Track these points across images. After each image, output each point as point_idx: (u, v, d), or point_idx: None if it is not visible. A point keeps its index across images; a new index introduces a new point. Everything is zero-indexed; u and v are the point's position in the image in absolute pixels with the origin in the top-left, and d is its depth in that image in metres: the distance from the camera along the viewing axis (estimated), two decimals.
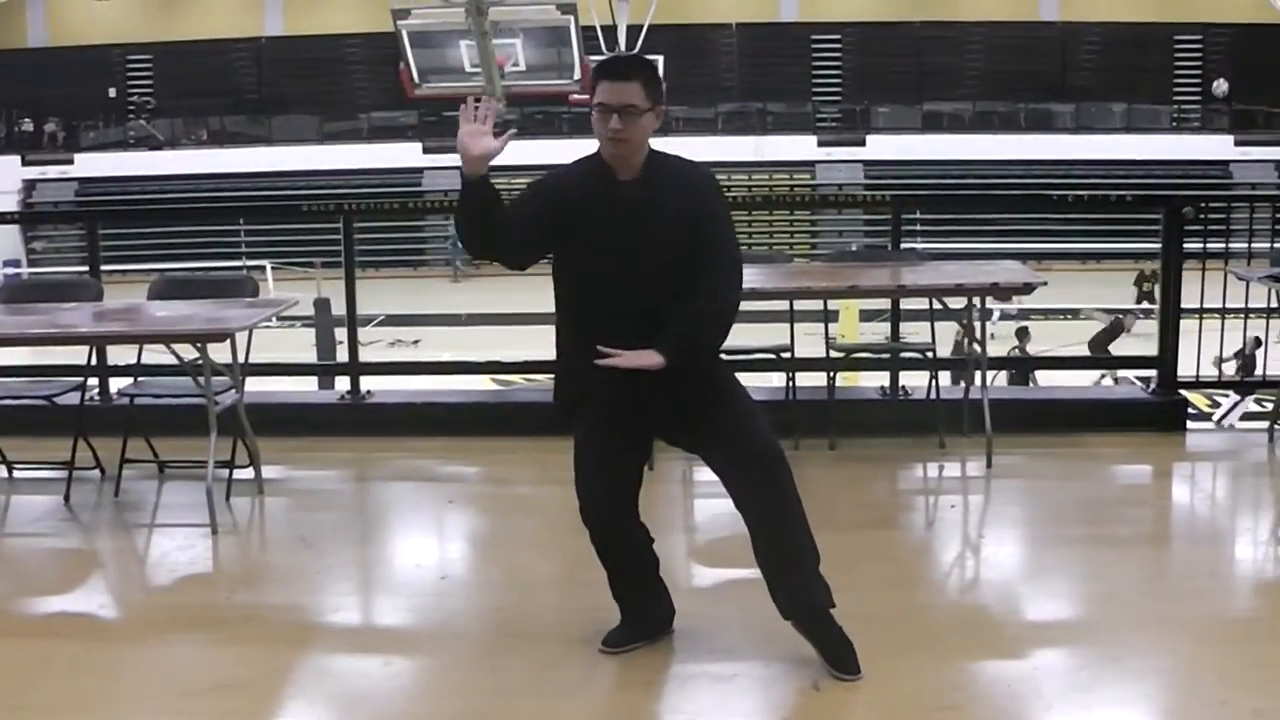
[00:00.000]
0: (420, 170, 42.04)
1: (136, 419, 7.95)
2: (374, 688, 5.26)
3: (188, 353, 7.33)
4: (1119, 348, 25.42)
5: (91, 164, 42.44)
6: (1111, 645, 5.50)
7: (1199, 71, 44.01)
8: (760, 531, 5.16)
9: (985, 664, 5.25)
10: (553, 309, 5.40)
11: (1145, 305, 31.33)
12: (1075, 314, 31.15)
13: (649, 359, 4.98)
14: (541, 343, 5.92)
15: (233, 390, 7.57)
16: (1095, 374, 20.99)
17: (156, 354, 7.98)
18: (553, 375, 5.50)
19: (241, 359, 7.57)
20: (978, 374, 8.41)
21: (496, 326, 30.69)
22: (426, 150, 42.20)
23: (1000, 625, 5.84)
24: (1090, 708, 4.98)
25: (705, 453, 5.30)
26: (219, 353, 7.27)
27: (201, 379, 7.23)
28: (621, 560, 5.43)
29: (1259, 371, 9.07)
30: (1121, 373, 12.98)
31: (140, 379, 8.26)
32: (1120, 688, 5.14)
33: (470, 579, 6.64)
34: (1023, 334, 23.76)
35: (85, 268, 9.71)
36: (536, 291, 5.89)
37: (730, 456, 5.17)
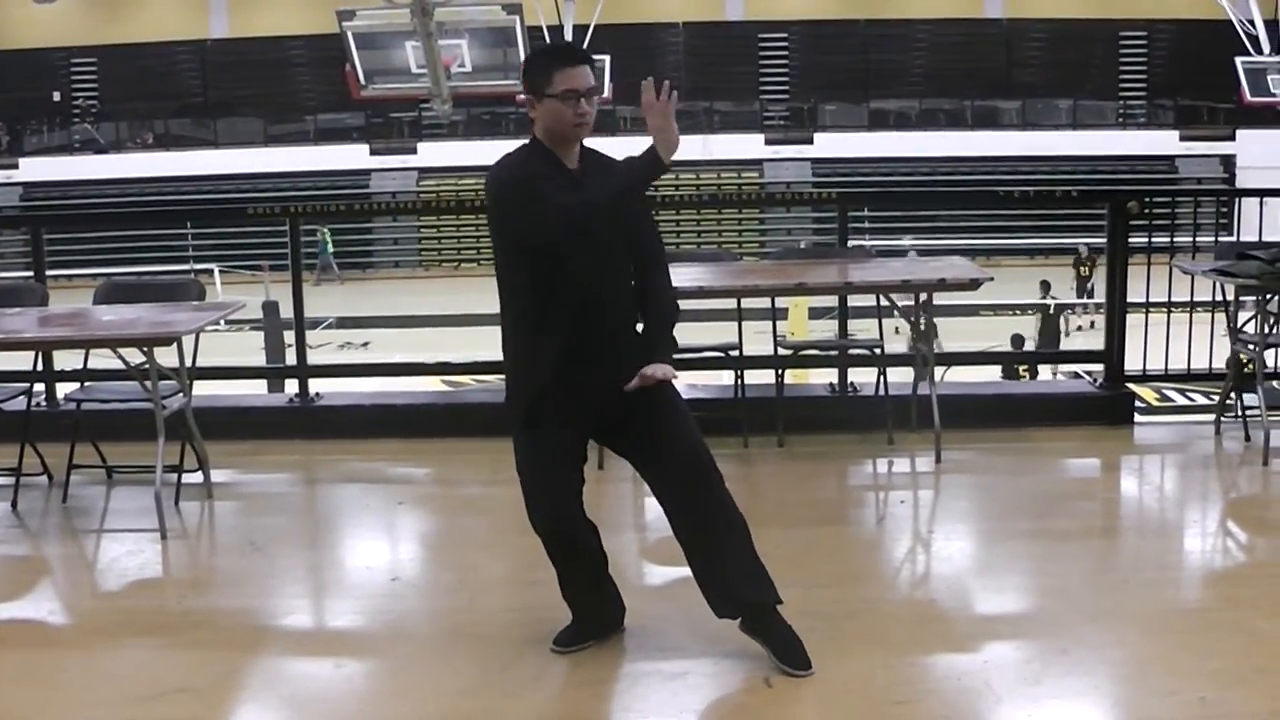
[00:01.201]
0: (367, 172, 41.97)
1: (84, 424, 7.90)
2: (326, 690, 5.26)
3: (135, 357, 7.29)
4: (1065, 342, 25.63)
5: (36, 168, 42.18)
6: (1060, 638, 5.54)
7: (1144, 68, 44.27)
8: (692, 536, 5.22)
9: (935, 658, 5.27)
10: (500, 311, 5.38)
11: (1081, 299, 31.54)
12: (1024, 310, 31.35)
13: (667, 371, 5.17)
14: (492, 343, 5.91)
15: (180, 394, 7.54)
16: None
17: (103, 359, 7.95)
18: (503, 375, 5.43)
19: (189, 363, 7.54)
20: (924, 369, 8.45)
21: (447, 328, 30.66)
22: (373, 152, 42.15)
23: (950, 619, 5.87)
24: (1040, 700, 5.01)
25: (637, 454, 5.38)
26: (166, 357, 7.25)
27: (149, 383, 7.20)
28: (571, 561, 5.43)
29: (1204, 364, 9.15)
30: (1068, 367, 13.03)
31: (87, 384, 8.22)
32: (1069, 680, 5.17)
33: (421, 580, 6.62)
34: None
35: (30, 273, 9.66)
36: (487, 293, 5.87)
37: (663, 460, 5.24)
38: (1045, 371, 21.28)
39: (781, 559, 5.39)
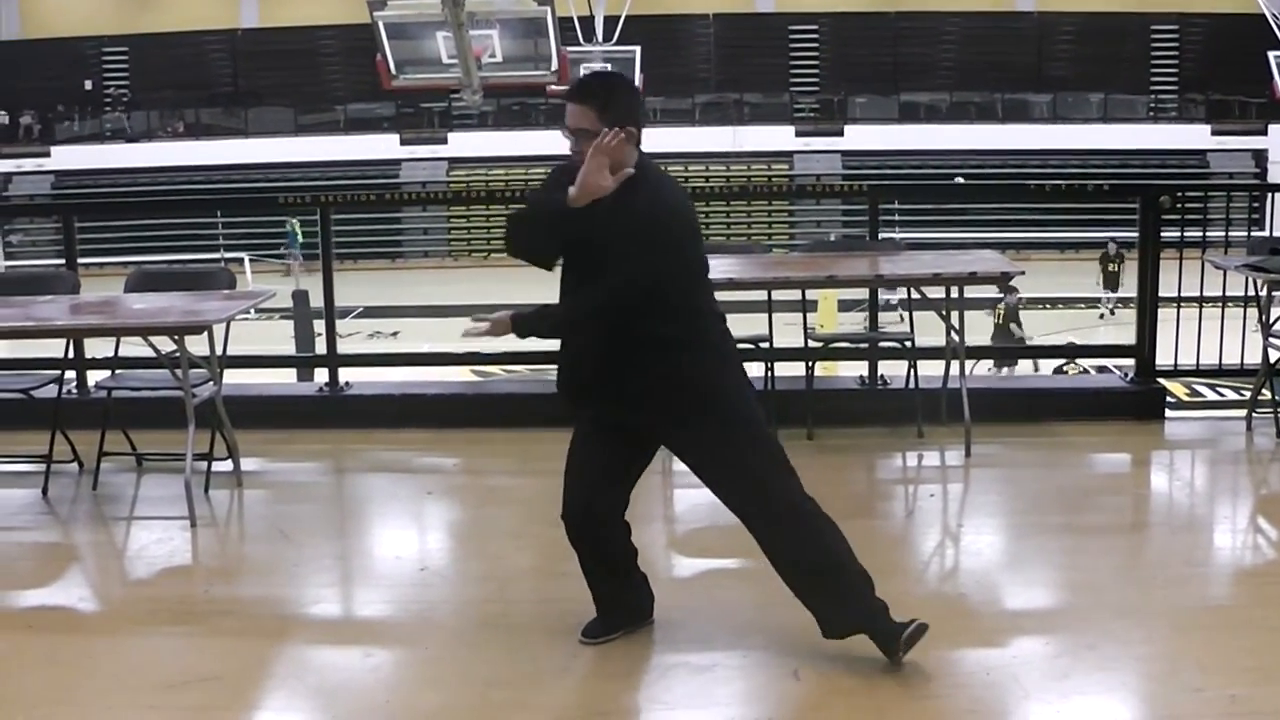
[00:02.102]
0: (398, 162, 42.03)
1: (114, 412, 7.93)
2: (354, 680, 5.26)
3: (165, 345, 7.31)
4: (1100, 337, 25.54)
5: (67, 156, 42.34)
6: (1089, 633, 5.52)
7: (1175, 61, 44.10)
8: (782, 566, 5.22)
9: (964, 652, 5.25)
10: (530, 301, 5.39)
11: (1108, 292, 31.44)
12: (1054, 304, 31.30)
13: (492, 325, 5.27)
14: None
15: (210, 383, 7.56)
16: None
17: (134, 347, 7.97)
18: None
19: (219, 351, 7.55)
20: (955, 363, 8.43)
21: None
22: (404, 142, 42.20)
23: (979, 614, 5.86)
24: (1068, 695, 5.00)
25: (707, 481, 5.27)
26: (197, 345, 7.26)
27: (179, 371, 7.21)
28: (596, 556, 5.44)
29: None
30: (1099, 361, 13.02)
31: (118, 372, 8.25)
32: (1098, 675, 5.16)
33: (449, 570, 6.63)
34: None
35: (62, 261, 9.69)
36: (516, 283, 5.87)
37: (729, 501, 5.21)
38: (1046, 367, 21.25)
39: None
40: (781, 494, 5.16)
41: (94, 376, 9.10)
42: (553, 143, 40.12)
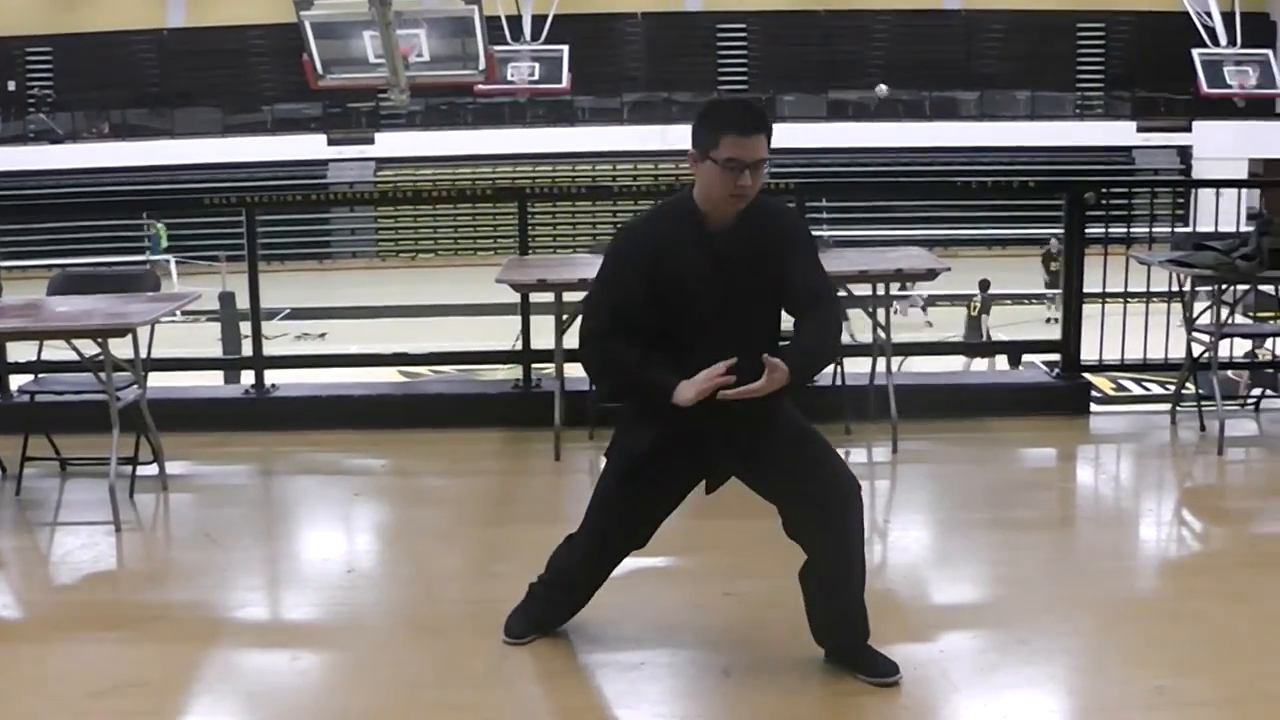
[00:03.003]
0: (325, 162, 41.81)
1: (37, 416, 7.86)
2: (282, 683, 5.23)
3: (90, 349, 7.25)
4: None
5: None
6: (1017, 627, 5.57)
7: (1102, 59, 44.42)
8: (826, 565, 5.08)
9: (892, 648, 5.26)
10: (458, 301, 5.34)
11: (1052, 290, 31.58)
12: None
13: (779, 378, 4.69)
14: (449, 334, 5.88)
15: (135, 386, 7.50)
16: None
17: (57, 350, 7.89)
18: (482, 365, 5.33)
19: (144, 354, 7.49)
20: (881, 360, 8.46)
21: (404, 318, 30.60)
22: (331, 142, 41.99)
23: (907, 609, 5.88)
24: (997, 690, 5.04)
25: (775, 484, 5.13)
26: (121, 348, 7.20)
27: (103, 375, 7.15)
28: (599, 580, 5.43)
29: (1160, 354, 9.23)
30: (1027, 357, 13.09)
31: (41, 375, 8.16)
32: (1026, 669, 5.20)
33: (377, 572, 6.60)
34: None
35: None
36: (445, 283, 5.85)
37: (807, 489, 5.04)
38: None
39: (740, 550, 5.39)
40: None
41: (16, 380, 9.02)
42: (481, 142, 40.27)
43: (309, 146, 41.79)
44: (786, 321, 5.05)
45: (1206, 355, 8.59)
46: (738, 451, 5.07)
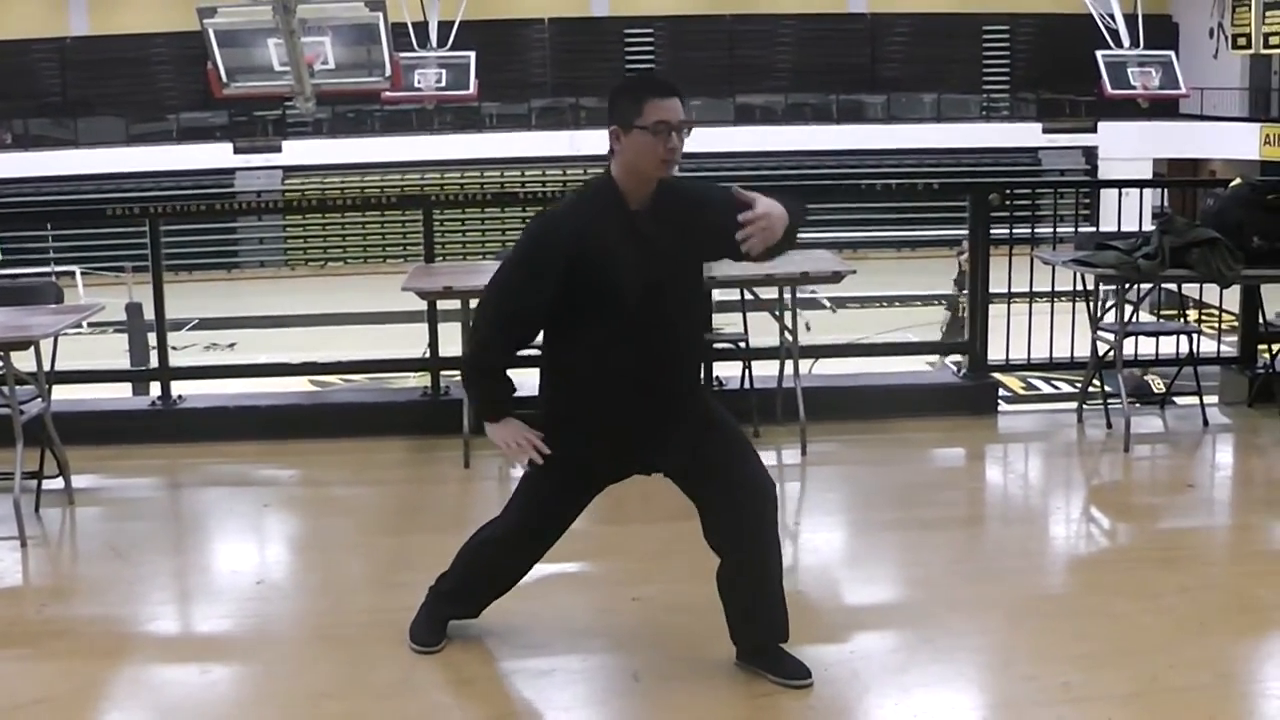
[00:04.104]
0: (231, 171, 41.50)
1: None
2: (190, 697, 5.20)
3: None
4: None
5: None
6: (926, 627, 5.61)
7: (1007, 61, 44.78)
8: (745, 564, 5.08)
9: (802, 649, 5.28)
10: (367, 309, 5.31)
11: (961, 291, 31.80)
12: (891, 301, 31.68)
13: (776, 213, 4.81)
14: (358, 343, 5.86)
15: (39, 399, 7.42)
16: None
17: None
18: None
19: (48, 367, 7.41)
20: (789, 362, 8.49)
21: (314, 327, 30.46)
22: (237, 150, 41.67)
23: (817, 611, 5.91)
24: (907, 689, 5.07)
25: (696, 481, 5.12)
26: (23, 361, 7.12)
27: (4, 389, 7.07)
28: (512, 580, 5.44)
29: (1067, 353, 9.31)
30: (934, 357, 13.20)
31: None
32: (934, 668, 5.24)
33: (286, 583, 6.57)
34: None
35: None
36: (354, 292, 5.82)
37: (732, 490, 5.04)
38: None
39: (646, 554, 5.40)
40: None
41: None
42: (388, 149, 40.13)
43: (215, 155, 41.42)
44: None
45: (1111, 354, 8.68)
46: (677, 450, 5.08)
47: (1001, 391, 9.48)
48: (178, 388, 9.28)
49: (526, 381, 5.18)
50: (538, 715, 5.02)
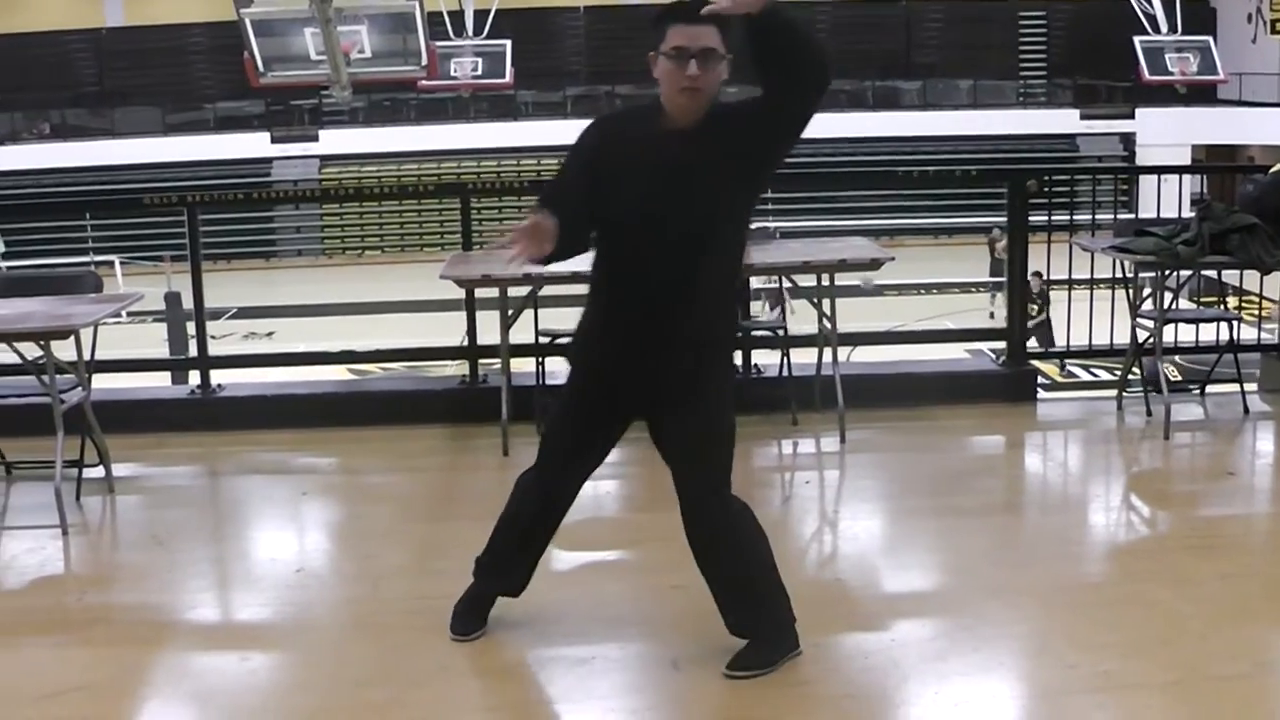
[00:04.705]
0: (269, 160, 41.58)
1: None
2: (229, 684, 5.21)
3: (32, 351, 7.20)
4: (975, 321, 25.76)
5: None
6: (965, 614, 5.60)
7: (1043, 47, 44.62)
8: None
9: (841, 637, 5.29)
10: (404, 297, 5.32)
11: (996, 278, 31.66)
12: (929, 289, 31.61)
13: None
14: (396, 331, 5.87)
15: (79, 388, 7.45)
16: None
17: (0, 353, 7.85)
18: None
19: (87, 356, 7.45)
20: (828, 350, 8.47)
21: (351, 316, 30.53)
22: (274, 140, 41.77)
23: (856, 599, 5.91)
24: (946, 676, 5.06)
25: (665, 457, 5.13)
26: (64, 350, 7.15)
27: (45, 378, 7.10)
28: (536, 533, 5.40)
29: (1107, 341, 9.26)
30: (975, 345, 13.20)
31: None
32: (974, 655, 5.23)
33: (325, 571, 6.58)
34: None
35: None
36: (391, 281, 5.83)
37: (679, 481, 5.04)
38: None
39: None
40: None
41: None
42: (424, 138, 40.13)
43: (252, 144, 41.52)
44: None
45: (1151, 341, 8.64)
46: (644, 407, 5.09)
47: (1040, 379, 9.44)
48: (217, 376, 9.31)
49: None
50: (576, 703, 5.01)
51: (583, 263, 5.08)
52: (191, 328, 9.95)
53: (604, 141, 4.96)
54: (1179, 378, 9.65)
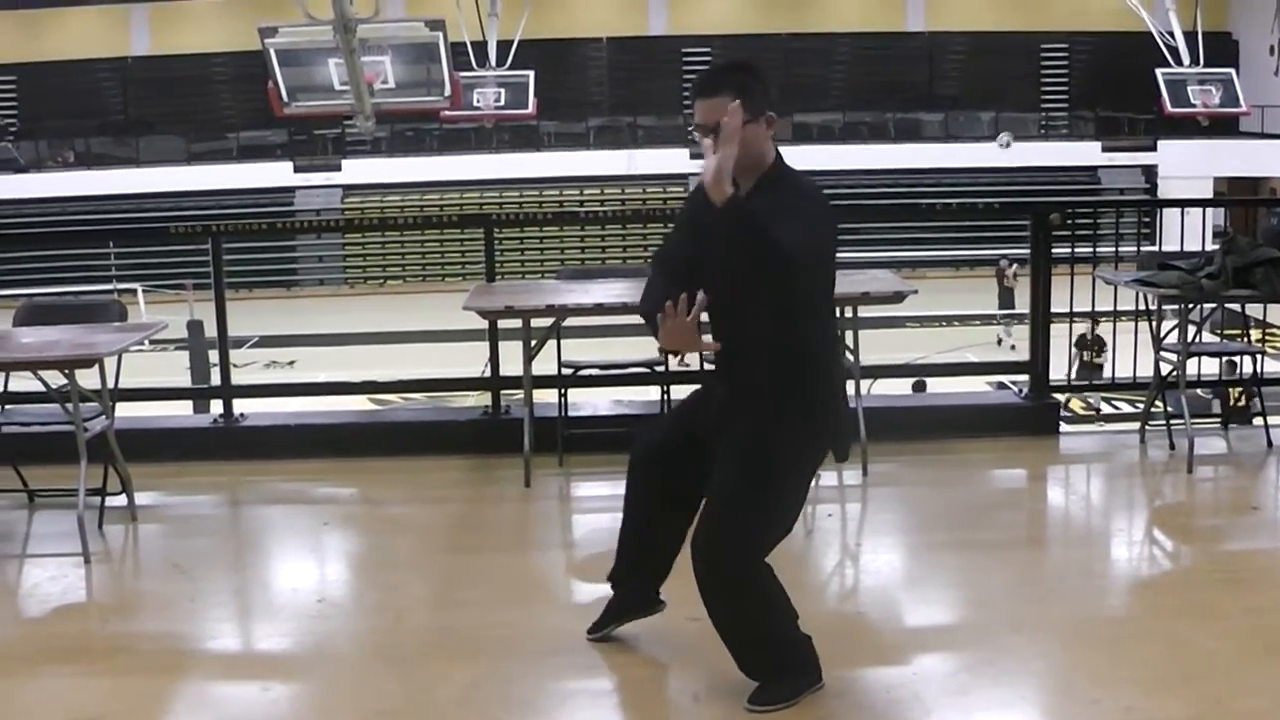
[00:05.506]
0: (291, 190, 41.72)
1: (4, 448, 7.82)
2: (251, 714, 5.22)
3: (56, 379, 7.22)
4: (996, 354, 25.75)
5: None
6: (987, 649, 5.58)
7: (1065, 79, 44.66)
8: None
9: (864, 671, 5.28)
10: (426, 328, 5.36)
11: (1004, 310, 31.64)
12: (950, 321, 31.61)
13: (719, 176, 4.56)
14: (417, 361, 5.88)
15: (103, 416, 7.47)
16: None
17: (24, 381, 7.86)
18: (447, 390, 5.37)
19: (111, 384, 7.47)
20: (850, 383, 8.45)
21: (373, 345, 30.57)
22: (297, 169, 41.91)
23: (878, 632, 5.89)
24: (969, 711, 5.05)
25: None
26: (88, 379, 7.17)
27: (69, 406, 7.12)
28: (640, 507, 5.40)
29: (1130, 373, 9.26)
30: (997, 378, 13.18)
31: (7, 407, 8.13)
32: (996, 690, 5.21)
33: (346, 601, 6.57)
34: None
35: None
36: (412, 311, 5.84)
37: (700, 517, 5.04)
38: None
39: None
40: None
41: None
42: (447, 168, 40.25)
43: (275, 174, 41.68)
44: None
45: (1174, 374, 8.62)
46: (707, 430, 5.13)
47: (1062, 412, 9.43)
48: (239, 405, 9.33)
49: None
50: None
51: (606, 295, 5.11)
52: (213, 356, 9.98)
53: (696, 203, 4.91)
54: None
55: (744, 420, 5.00)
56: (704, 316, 4.94)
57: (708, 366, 5.30)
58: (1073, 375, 30.46)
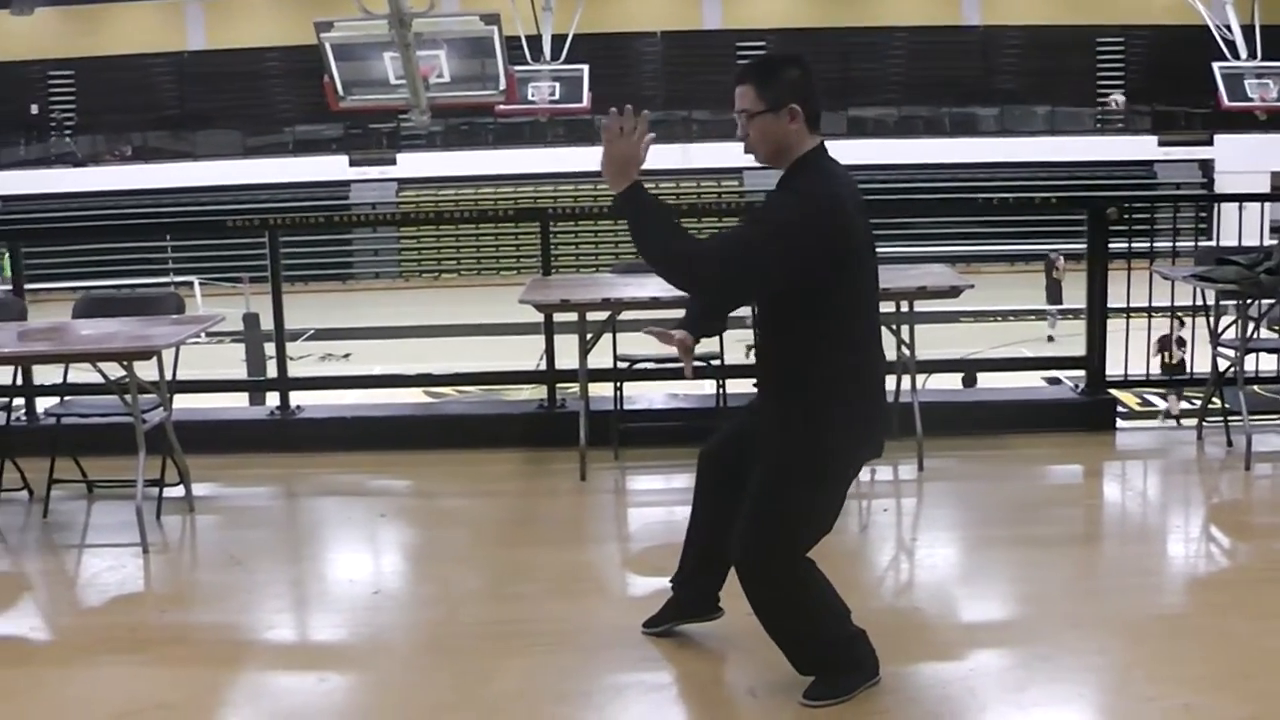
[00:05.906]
0: (346, 183, 41.88)
1: (64, 439, 7.88)
2: (307, 705, 5.23)
3: (114, 371, 7.26)
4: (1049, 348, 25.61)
5: (13, 181, 41.96)
6: (1044, 644, 5.55)
7: (1121, 73, 44.41)
8: None
9: (919, 666, 5.26)
10: (481, 321, 5.38)
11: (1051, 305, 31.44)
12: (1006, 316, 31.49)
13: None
14: (472, 354, 5.89)
15: (160, 408, 7.51)
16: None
17: (83, 373, 7.92)
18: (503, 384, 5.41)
19: (169, 376, 7.51)
20: (906, 378, 8.43)
21: (428, 339, 30.61)
22: (353, 163, 42.06)
23: (934, 627, 5.87)
24: (1024, 707, 5.02)
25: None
26: (146, 370, 7.22)
27: (128, 397, 7.17)
28: (706, 505, 5.40)
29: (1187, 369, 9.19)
30: (1052, 373, 13.10)
31: (67, 398, 8.20)
32: (1053, 687, 5.18)
33: (402, 593, 6.59)
34: None
35: (8, 287, 9.62)
36: (467, 304, 5.85)
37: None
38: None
39: None
40: None
41: (43, 403, 9.05)
42: (502, 162, 40.32)
43: (330, 168, 41.85)
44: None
45: (1232, 370, 8.56)
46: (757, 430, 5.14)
47: (1119, 408, 9.38)
48: (296, 398, 9.38)
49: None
50: None
51: (661, 289, 5.11)
52: (270, 348, 10.02)
53: None
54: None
55: (767, 422, 5.02)
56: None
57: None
58: (1150, 375, 30.40)
